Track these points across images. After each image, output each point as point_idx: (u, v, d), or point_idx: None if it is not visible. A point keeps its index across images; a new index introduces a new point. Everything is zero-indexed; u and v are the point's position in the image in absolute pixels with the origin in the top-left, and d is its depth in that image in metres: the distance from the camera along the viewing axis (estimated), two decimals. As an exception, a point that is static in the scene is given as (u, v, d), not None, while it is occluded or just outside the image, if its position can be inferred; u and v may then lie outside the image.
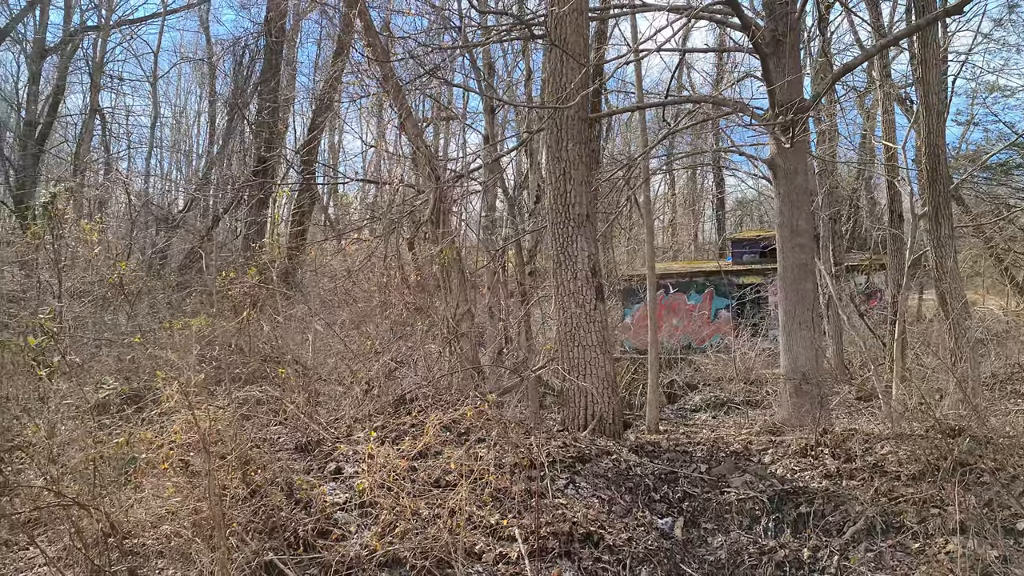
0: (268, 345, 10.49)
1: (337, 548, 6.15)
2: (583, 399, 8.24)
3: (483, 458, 6.85)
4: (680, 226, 30.75)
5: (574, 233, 8.42)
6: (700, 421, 13.32)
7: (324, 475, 7.16)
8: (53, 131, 24.12)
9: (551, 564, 5.99)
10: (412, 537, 6.15)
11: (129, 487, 6.13)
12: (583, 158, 8.61)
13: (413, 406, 7.95)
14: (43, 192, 8.42)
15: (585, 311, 8.31)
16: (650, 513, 6.79)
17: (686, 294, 21.52)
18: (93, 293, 9.91)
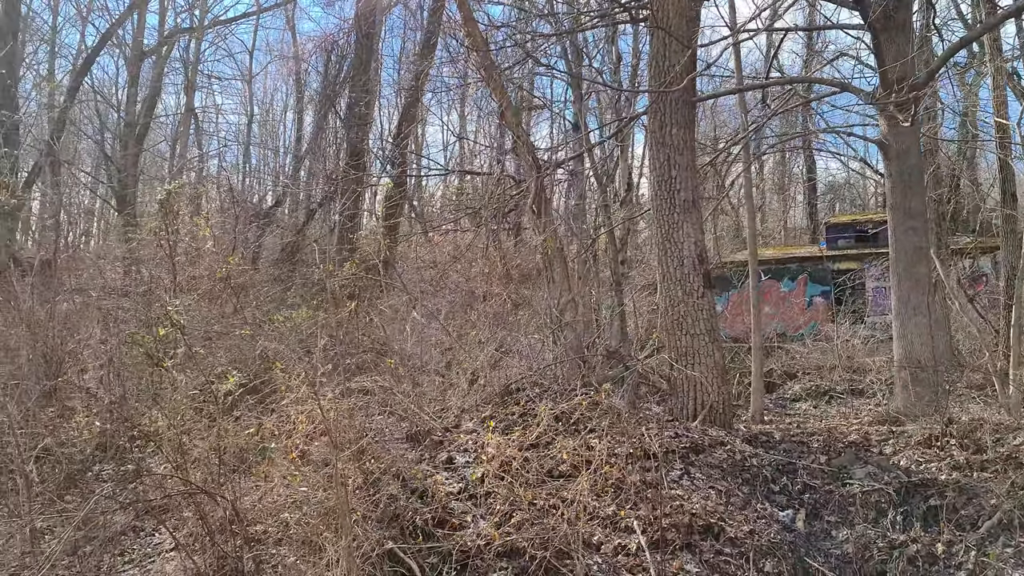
0: (370, 336, 10.63)
1: (455, 537, 6.17)
2: (692, 388, 8.09)
3: (595, 448, 6.78)
4: (769, 212, 30.04)
5: (680, 220, 8.27)
6: (802, 411, 12.96)
7: (436, 465, 7.19)
8: (150, 131, 24.98)
9: (672, 556, 5.89)
10: (529, 527, 6.12)
11: (260, 476, 6.25)
12: (688, 143, 8.44)
13: (520, 396, 7.93)
14: (159, 189, 8.66)
15: (692, 299, 8.15)
16: (770, 505, 6.62)
17: (779, 281, 20.98)
18: (202, 287, 10.19)
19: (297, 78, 27.63)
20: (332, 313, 11.12)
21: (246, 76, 26.60)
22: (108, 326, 10.13)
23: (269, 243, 18.33)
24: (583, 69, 14.73)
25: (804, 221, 29.95)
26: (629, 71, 16.67)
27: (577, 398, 7.24)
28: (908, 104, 7.94)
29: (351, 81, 16.34)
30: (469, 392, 8.35)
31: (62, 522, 7.20)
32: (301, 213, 20.58)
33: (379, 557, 5.84)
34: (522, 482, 6.52)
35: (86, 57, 22.32)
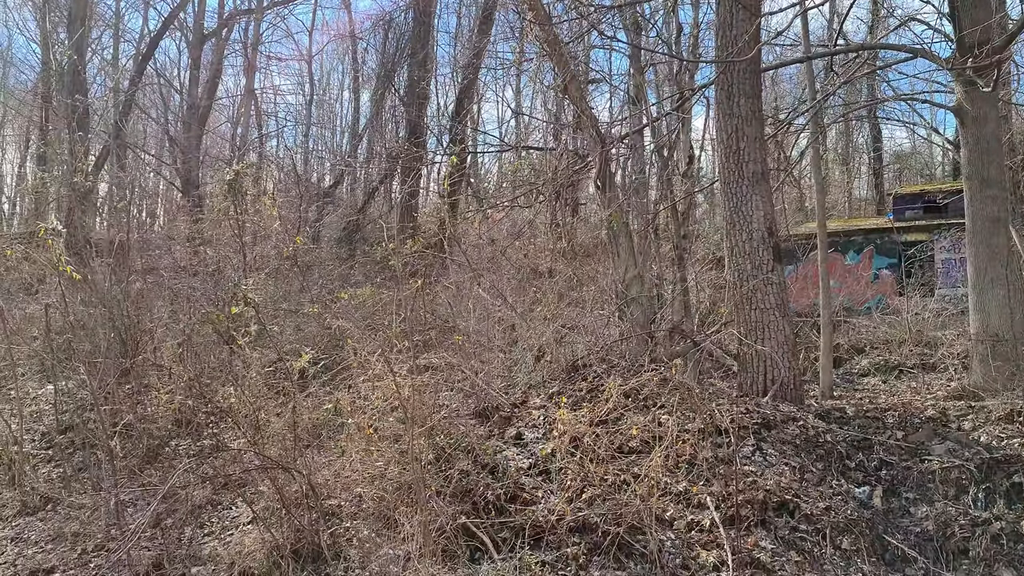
0: (434, 314, 10.70)
1: (527, 512, 6.20)
2: (761, 364, 7.97)
3: (665, 424, 6.74)
4: (832, 183, 29.35)
5: (748, 192, 8.12)
6: (871, 386, 12.70)
7: (505, 441, 7.23)
8: (212, 113, 25.40)
9: (747, 533, 5.83)
10: (601, 503, 6.13)
11: (335, 451, 6.36)
12: (756, 114, 8.27)
13: (587, 372, 7.91)
14: (226, 170, 8.80)
15: (762, 273, 8.01)
16: (846, 482, 6.51)
17: (844, 254, 20.54)
18: (270, 266, 10.36)
19: (354, 57, 27.79)
20: (396, 291, 11.22)
21: (305, 56, 26.86)
22: (180, 305, 10.38)
23: (329, 222, 18.55)
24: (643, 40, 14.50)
25: (869, 192, 29.22)
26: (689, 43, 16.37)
27: (647, 374, 7.20)
28: (988, 69, 7.65)
29: (409, 58, 16.38)
30: (535, 368, 8.36)
31: (144, 495, 7.43)
32: (360, 192, 20.75)
33: (453, 531, 5.90)
34: (592, 458, 6.52)
35: (149, 41, 22.78)
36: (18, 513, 8.05)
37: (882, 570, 5.71)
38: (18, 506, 8.11)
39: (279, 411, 7.22)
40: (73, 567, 6.97)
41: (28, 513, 8.01)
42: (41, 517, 7.96)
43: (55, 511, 8.03)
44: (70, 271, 7.58)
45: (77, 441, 9.30)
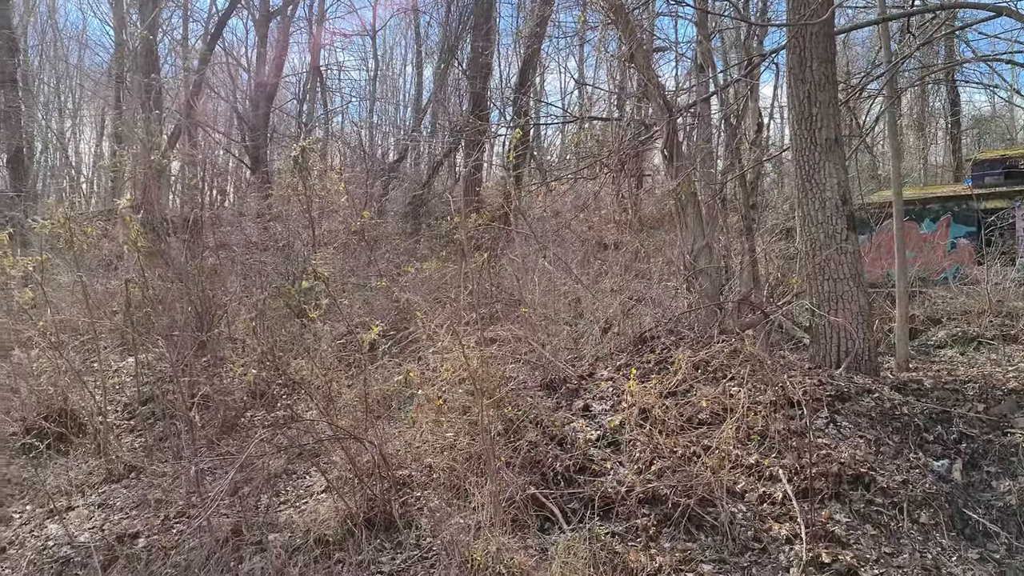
0: (499, 287, 10.73)
1: (596, 484, 6.21)
2: (835, 335, 7.80)
3: (736, 396, 6.66)
4: (906, 149, 28.39)
5: (821, 159, 7.91)
6: (948, 358, 12.35)
7: (573, 412, 7.24)
8: (278, 90, 25.74)
9: (820, 505, 5.75)
10: (671, 475, 6.10)
11: (407, 422, 6.45)
12: (829, 78, 8.02)
13: (655, 344, 7.85)
14: (293, 146, 8.93)
15: (836, 242, 7.82)
16: (924, 455, 6.36)
17: (919, 222, 19.88)
18: (338, 241, 10.50)
19: (416, 31, 27.85)
20: (461, 264, 11.26)
21: (368, 31, 26.99)
22: (252, 280, 10.60)
23: (394, 197, 18.70)
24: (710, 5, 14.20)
25: (946, 158, 28.22)
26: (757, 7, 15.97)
27: (717, 346, 7.11)
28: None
29: (472, 31, 16.32)
30: (602, 341, 8.34)
31: (222, 464, 7.66)
32: (424, 166, 20.86)
33: (522, 501, 5.95)
34: (662, 430, 6.49)
35: (218, 20, 23.12)
36: (104, 480, 8.39)
37: (962, 545, 5.57)
38: (104, 474, 8.45)
39: (350, 383, 7.36)
40: (156, 532, 7.24)
41: (113, 480, 8.34)
42: (125, 484, 8.28)
43: (138, 479, 8.34)
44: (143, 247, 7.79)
45: (157, 412, 9.62)
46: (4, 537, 7.69)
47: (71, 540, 7.42)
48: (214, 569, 6.49)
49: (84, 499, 8.06)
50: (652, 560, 5.43)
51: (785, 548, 5.45)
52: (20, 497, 8.33)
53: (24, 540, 7.62)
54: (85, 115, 34.09)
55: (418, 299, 9.20)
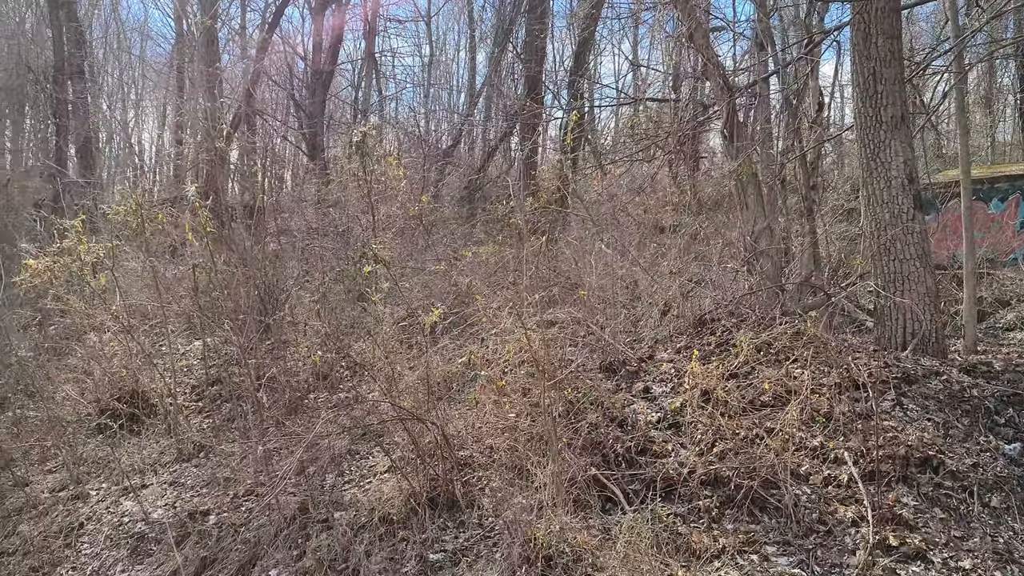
0: (556, 270, 10.75)
1: (657, 465, 6.22)
2: (900, 316, 7.66)
3: (799, 378, 6.59)
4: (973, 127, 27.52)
5: (887, 137, 7.74)
6: (1017, 341, 12.03)
7: (633, 394, 7.24)
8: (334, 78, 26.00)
9: (887, 488, 5.68)
10: (733, 457, 6.07)
11: (469, 403, 6.53)
12: (895, 54, 7.84)
13: (716, 326, 7.79)
14: (355, 132, 9.04)
15: (902, 222, 7.66)
16: (994, 438, 6.22)
17: (987, 202, 19.29)
18: (396, 225, 10.61)
19: (470, 15, 27.86)
20: (518, 248, 11.30)
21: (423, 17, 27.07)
22: (313, 264, 10.78)
23: (449, 182, 18.78)
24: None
25: (1015, 136, 27.30)
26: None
27: (780, 327, 7.04)
28: None
29: (527, 13, 16.28)
30: (661, 323, 8.31)
31: (288, 444, 7.83)
32: (479, 151, 20.91)
33: (584, 482, 5.99)
34: (724, 412, 6.46)
35: (276, 9, 23.40)
36: (175, 460, 8.65)
37: (1035, 529, 5.46)
38: (175, 453, 8.72)
39: (411, 365, 7.46)
40: (226, 510, 7.46)
41: (184, 460, 8.60)
42: (195, 464, 8.53)
43: (207, 458, 8.58)
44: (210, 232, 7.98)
45: (224, 393, 9.88)
46: (82, 513, 8.00)
47: (145, 517, 7.70)
48: (282, 545, 6.67)
49: (157, 477, 8.33)
50: (715, 541, 5.43)
51: (851, 531, 5.40)
52: (96, 475, 8.64)
53: (101, 516, 7.92)
54: (147, 105, 34.87)
55: (477, 282, 9.29)
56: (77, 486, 8.45)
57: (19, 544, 7.85)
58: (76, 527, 7.80)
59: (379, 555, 6.27)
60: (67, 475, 8.65)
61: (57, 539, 7.69)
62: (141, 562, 7.22)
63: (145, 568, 7.12)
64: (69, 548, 7.57)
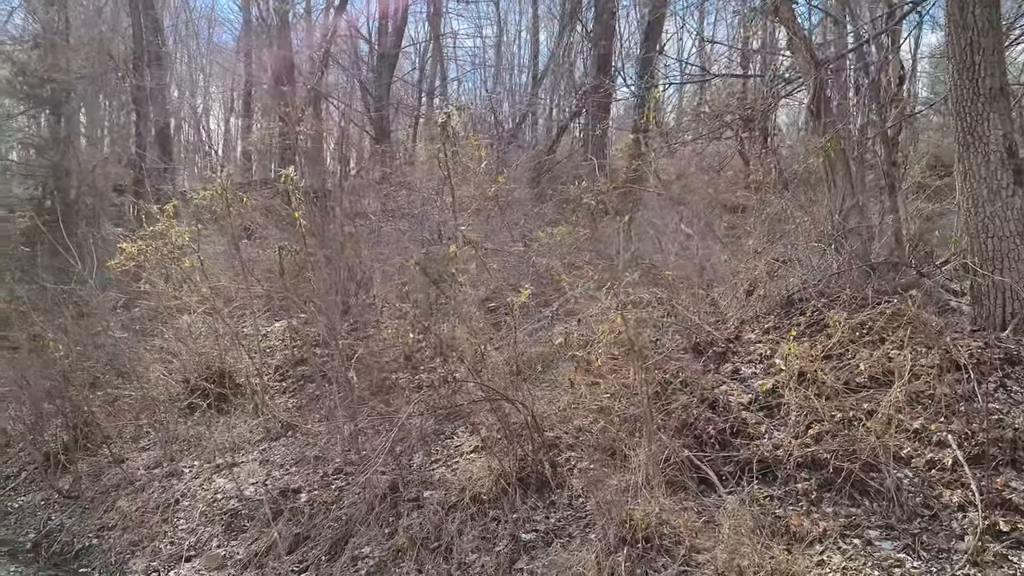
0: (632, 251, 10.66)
1: (751, 447, 6.14)
2: (1000, 296, 7.39)
3: (896, 359, 6.42)
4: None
5: (984, 110, 7.44)
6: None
7: (722, 376, 7.15)
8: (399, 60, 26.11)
9: (994, 472, 5.51)
10: (830, 439, 5.96)
11: (549, 384, 6.54)
12: (993, 23, 7.52)
13: (805, 306, 7.64)
14: (439, 113, 9.06)
15: (1000, 198, 7.37)
16: (1109, 421, 5.99)
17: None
18: (472, 206, 10.62)
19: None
20: (592, 228, 11.26)
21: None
22: (391, 247, 10.87)
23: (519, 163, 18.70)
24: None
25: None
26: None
27: (875, 308, 6.87)
28: None
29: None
30: (747, 303, 8.18)
31: (374, 424, 7.93)
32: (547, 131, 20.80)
33: (678, 464, 5.95)
34: (819, 393, 6.33)
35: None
36: (263, 438, 8.85)
37: None
38: (263, 432, 8.91)
39: (497, 345, 7.49)
40: (316, 488, 7.61)
41: (272, 439, 8.78)
42: (283, 443, 8.70)
43: (294, 436, 8.76)
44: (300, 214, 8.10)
45: (308, 373, 10.05)
46: (177, 490, 8.24)
47: (239, 494, 7.89)
48: (374, 523, 6.77)
49: (247, 456, 8.53)
50: (815, 525, 5.35)
51: (958, 515, 5.27)
52: (189, 453, 8.88)
53: (195, 493, 8.15)
54: (214, 92, 35.47)
55: (556, 263, 9.28)
56: (171, 463, 8.71)
57: (118, 519, 8.14)
58: (172, 503, 8.04)
59: (471, 534, 6.33)
60: (161, 453, 8.92)
61: (154, 515, 7.95)
62: (236, 538, 7.42)
63: (240, 544, 7.31)
64: (166, 523, 7.81)
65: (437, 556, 6.23)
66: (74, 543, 8.04)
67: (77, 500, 8.73)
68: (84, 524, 8.27)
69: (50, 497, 9.08)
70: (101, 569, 7.54)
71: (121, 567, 7.43)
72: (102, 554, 7.74)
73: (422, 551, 6.27)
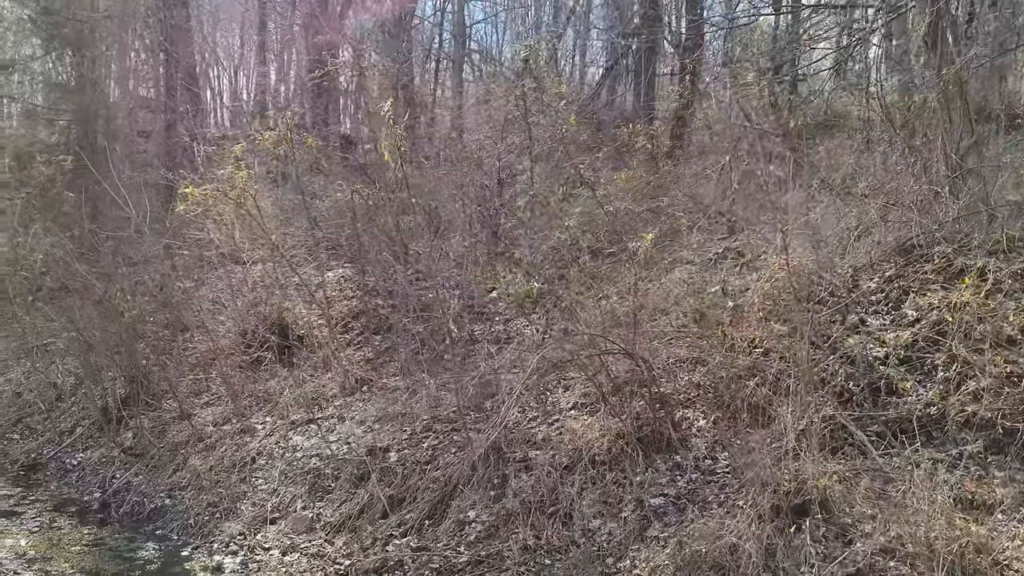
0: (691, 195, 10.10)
1: (899, 407, 5.65)
2: None
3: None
4: None
5: None
6: None
7: (848, 327, 6.60)
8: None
9: None
10: (992, 397, 5.44)
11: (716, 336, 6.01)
12: None
13: (931, 252, 7.07)
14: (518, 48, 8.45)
15: None
16: None
17: None
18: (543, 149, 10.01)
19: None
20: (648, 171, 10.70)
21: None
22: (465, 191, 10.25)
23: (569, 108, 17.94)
24: None
25: None
26: None
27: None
28: None
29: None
30: (858, 250, 7.60)
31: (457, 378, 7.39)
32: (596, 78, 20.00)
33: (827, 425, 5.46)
34: (966, 346, 5.81)
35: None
36: (337, 394, 8.36)
37: None
38: (336, 387, 8.43)
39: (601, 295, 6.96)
40: (406, 447, 7.14)
41: (346, 394, 8.30)
42: (359, 398, 8.22)
43: (370, 392, 8.27)
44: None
45: (373, 325, 9.53)
46: (252, 448, 7.78)
47: (319, 452, 7.44)
48: (478, 485, 6.32)
49: (322, 412, 8.06)
50: (992, 491, 4.87)
51: None
52: (258, 408, 8.42)
53: (272, 451, 7.69)
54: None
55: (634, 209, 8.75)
56: (240, 419, 8.25)
57: (190, 478, 7.70)
58: (248, 462, 7.60)
59: (589, 498, 5.88)
60: (229, 408, 8.46)
61: (231, 474, 7.51)
62: (321, 499, 6.98)
63: (327, 505, 6.88)
64: (244, 483, 7.38)
65: (555, 521, 5.79)
66: (145, 503, 7.63)
67: (140, 458, 8.30)
68: (154, 483, 7.85)
69: (110, 454, 8.67)
70: (179, 531, 7.13)
71: (201, 529, 7.01)
72: (178, 515, 7.32)
73: (538, 516, 5.83)
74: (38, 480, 8.70)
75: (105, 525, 7.37)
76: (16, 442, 9.60)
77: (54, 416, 9.73)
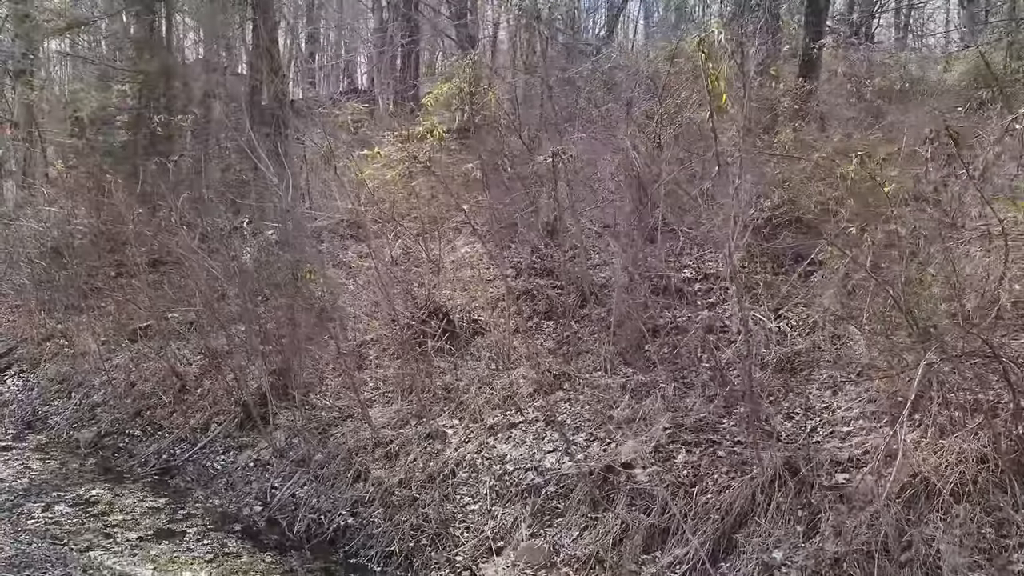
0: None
1: None
2: None
3: None
4: None
5: None
6: None
7: None
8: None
9: None
10: None
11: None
12: None
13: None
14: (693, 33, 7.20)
15: None
16: None
17: None
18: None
19: None
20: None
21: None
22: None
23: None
24: None
25: None
26: None
27: None
28: None
29: None
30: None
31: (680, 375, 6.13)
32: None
33: None
34: None
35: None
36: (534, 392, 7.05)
37: None
38: (530, 385, 7.14)
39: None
40: (653, 462, 5.86)
41: (545, 392, 7.00)
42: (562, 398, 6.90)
43: (573, 390, 6.98)
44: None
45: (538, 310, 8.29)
46: (447, 457, 6.52)
47: (537, 465, 6.19)
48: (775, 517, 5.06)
49: (523, 415, 6.78)
50: None
51: None
52: (440, 409, 7.15)
53: (473, 462, 6.43)
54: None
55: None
56: (419, 421, 7.01)
57: (375, 492, 6.46)
58: (448, 474, 6.35)
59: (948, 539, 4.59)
60: (404, 407, 7.22)
61: (428, 489, 6.27)
62: (551, 524, 5.74)
63: (561, 533, 5.63)
64: (448, 502, 6.14)
65: (911, 572, 4.50)
66: (324, 522, 6.43)
67: (302, 465, 7.08)
68: (329, 497, 6.63)
69: (260, 457, 7.51)
70: (380, 560, 5.92)
71: (409, 559, 5.80)
72: (371, 539, 6.11)
73: (887, 564, 4.55)
74: (179, 487, 7.54)
75: (288, 551, 6.17)
76: (141, 440, 8.46)
77: (181, 410, 8.54)
